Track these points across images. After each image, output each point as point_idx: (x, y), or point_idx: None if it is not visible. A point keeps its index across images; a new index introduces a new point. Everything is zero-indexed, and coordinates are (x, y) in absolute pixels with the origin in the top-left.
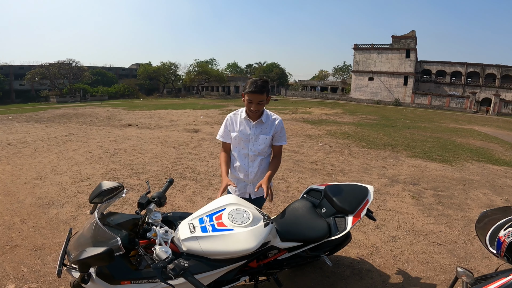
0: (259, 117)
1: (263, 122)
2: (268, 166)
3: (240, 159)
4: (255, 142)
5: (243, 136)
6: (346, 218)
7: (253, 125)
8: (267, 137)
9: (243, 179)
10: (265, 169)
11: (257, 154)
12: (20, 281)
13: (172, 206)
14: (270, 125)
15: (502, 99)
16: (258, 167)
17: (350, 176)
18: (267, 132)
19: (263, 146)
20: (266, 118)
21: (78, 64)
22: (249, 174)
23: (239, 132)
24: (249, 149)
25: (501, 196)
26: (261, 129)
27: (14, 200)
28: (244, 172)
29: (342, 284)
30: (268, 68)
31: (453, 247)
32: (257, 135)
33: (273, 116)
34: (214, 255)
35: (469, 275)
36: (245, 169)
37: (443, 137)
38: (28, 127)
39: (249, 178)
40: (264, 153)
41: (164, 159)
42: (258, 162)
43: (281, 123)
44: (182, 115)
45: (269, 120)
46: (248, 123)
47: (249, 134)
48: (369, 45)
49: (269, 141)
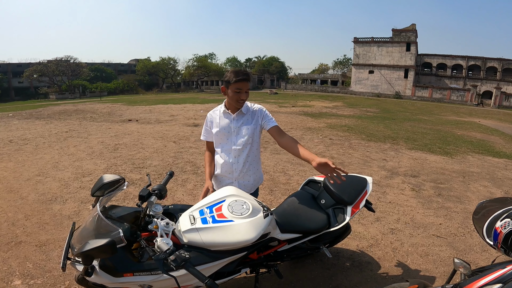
0: (238, 109)
1: (243, 113)
2: (256, 159)
3: (224, 156)
4: (237, 134)
5: (225, 130)
6: (345, 209)
7: (234, 117)
8: (249, 127)
9: (227, 177)
10: (251, 165)
11: (242, 148)
12: (26, 277)
13: (173, 200)
14: (251, 114)
15: (503, 92)
16: (244, 163)
17: (350, 168)
18: (249, 122)
19: (247, 138)
20: (246, 109)
21: (77, 61)
22: (233, 171)
23: (220, 127)
24: (232, 143)
25: (501, 188)
26: (242, 121)
27: (17, 196)
28: (228, 169)
29: (342, 276)
30: (268, 62)
31: (452, 239)
32: (239, 127)
33: (253, 106)
34: (214, 247)
35: (466, 266)
36: (229, 165)
37: (443, 130)
38: (29, 124)
39: (234, 175)
40: (249, 146)
41: (165, 153)
42: (244, 158)
43: (262, 109)
44: (182, 110)
45: (249, 111)
46: (228, 116)
47: (230, 127)
48: (369, 38)
49: (252, 132)
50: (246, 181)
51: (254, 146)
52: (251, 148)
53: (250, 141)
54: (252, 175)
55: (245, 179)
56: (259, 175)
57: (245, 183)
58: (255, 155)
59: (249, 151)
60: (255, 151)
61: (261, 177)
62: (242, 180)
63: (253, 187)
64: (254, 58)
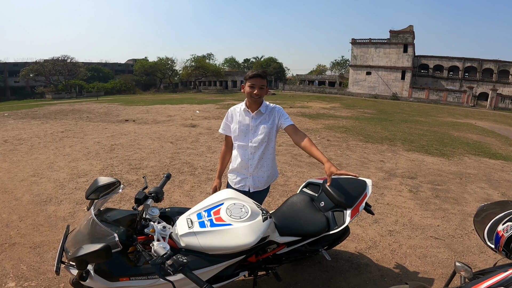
0: (257, 108)
1: (262, 112)
2: (267, 157)
3: (240, 152)
4: (255, 132)
5: (243, 127)
6: (344, 212)
7: (253, 115)
8: (266, 125)
9: (242, 172)
10: (265, 162)
11: (258, 146)
12: (20, 279)
13: (170, 202)
14: (269, 114)
15: (499, 94)
16: (258, 160)
17: (348, 170)
18: (266, 122)
19: (263, 136)
20: (264, 109)
21: (73, 60)
22: (249, 167)
23: (239, 124)
24: (249, 141)
25: (498, 190)
26: (260, 119)
27: (11, 197)
28: (243, 165)
29: (340, 278)
30: (266, 63)
31: (450, 241)
32: (257, 125)
33: (271, 106)
34: (212, 251)
35: (468, 269)
36: (245, 161)
37: (440, 131)
38: (24, 124)
39: (249, 171)
40: (265, 144)
41: (162, 154)
42: (259, 155)
43: (280, 108)
44: (180, 110)
45: (267, 110)
46: (247, 114)
47: (248, 125)
48: (367, 40)
49: (269, 130)
50: (260, 177)
51: (270, 144)
52: (267, 146)
53: (266, 140)
54: (266, 172)
55: (259, 175)
56: (274, 172)
57: (259, 179)
58: (271, 153)
59: (264, 149)
60: (271, 149)
61: (275, 173)
62: (256, 175)
63: (266, 183)
64: (252, 58)
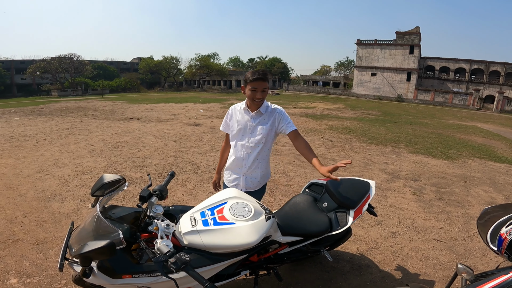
0: (258, 108)
1: (261, 113)
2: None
3: (236, 151)
4: (252, 132)
5: (241, 126)
6: (347, 213)
7: (252, 115)
8: (264, 127)
9: (237, 171)
10: (260, 163)
11: (254, 146)
12: (22, 276)
13: (173, 200)
14: (268, 115)
15: (505, 97)
16: (253, 160)
17: (351, 171)
18: (265, 123)
19: (260, 137)
20: (265, 109)
21: (80, 58)
22: (243, 166)
23: (237, 122)
24: (246, 140)
25: (502, 193)
26: (259, 120)
27: (16, 193)
28: (238, 164)
29: (341, 279)
30: (270, 63)
31: (452, 244)
32: (255, 125)
33: (272, 107)
34: (215, 249)
35: (470, 272)
36: (240, 160)
37: (445, 134)
38: (30, 121)
39: (242, 170)
40: (261, 145)
41: (166, 152)
42: (254, 156)
43: (281, 111)
44: (184, 109)
45: (267, 111)
46: (247, 113)
47: (247, 125)
48: (372, 41)
49: (267, 132)
50: (254, 178)
51: (267, 146)
52: (263, 147)
53: (263, 141)
54: (260, 172)
55: (253, 175)
56: (267, 172)
57: (252, 179)
58: (266, 154)
59: (260, 150)
60: (267, 151)
61: (268, 173)
62: (249, 176)
63: (259, 184)
64: (257, 58)
